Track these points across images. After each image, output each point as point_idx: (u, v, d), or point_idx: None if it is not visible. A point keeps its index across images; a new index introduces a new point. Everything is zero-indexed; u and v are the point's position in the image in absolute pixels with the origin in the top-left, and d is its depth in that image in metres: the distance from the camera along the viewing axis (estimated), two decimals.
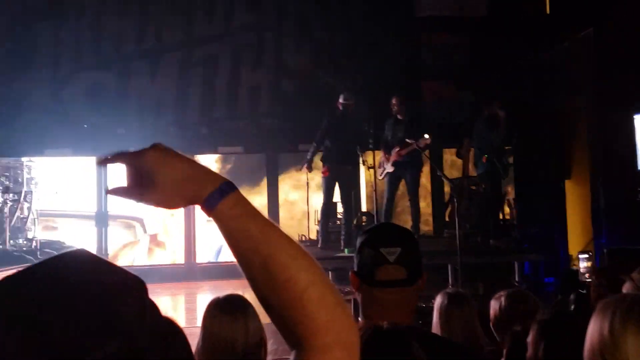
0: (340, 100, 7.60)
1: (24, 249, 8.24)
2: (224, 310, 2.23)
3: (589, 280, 5.25)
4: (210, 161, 9.79)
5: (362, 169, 8.51)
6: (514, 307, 2.51)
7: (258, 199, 9.79)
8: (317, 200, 8.52)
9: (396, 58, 9.23)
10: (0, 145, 8.93)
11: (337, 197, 8.06)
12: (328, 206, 7.89)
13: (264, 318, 1.40)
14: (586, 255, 6.55)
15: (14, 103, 8.86)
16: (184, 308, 7.46)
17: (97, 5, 9.46)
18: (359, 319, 1.59)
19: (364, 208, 9.54)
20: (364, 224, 8.42)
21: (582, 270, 6.40)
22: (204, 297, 7.42)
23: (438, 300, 2.64)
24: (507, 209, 8.97)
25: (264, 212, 0.87)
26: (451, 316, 2.56)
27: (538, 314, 2.26)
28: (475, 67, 9.24)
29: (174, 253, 9.70)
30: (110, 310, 0.63)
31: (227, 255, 9.33)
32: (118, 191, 0.91)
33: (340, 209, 8.44)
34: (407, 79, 9.26)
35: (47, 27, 9.32)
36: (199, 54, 9.65)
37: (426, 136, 7.00)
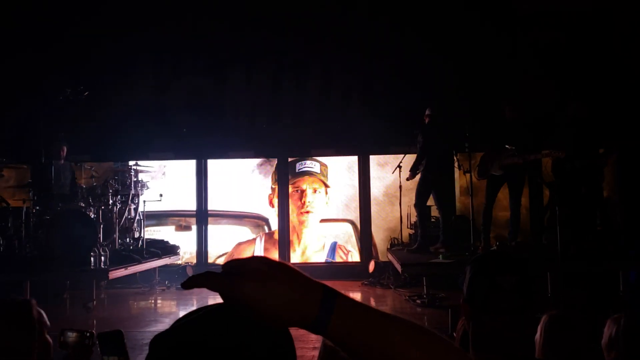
0: (428, 113, 7.79)
1: (131, 248, 8.56)
2: None
3: None
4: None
5: (457, 173, 8.30)
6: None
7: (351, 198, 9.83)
8: (409, 202, 8.44)
9: (494, 56, 8.95)
10: (109, 151, 9.55)
11: (430, 201, 8.05)
12: (424, 211, 7.95)
13: None
14: None
15: (120, 110, 9.41)
16: None
17: (193, 13, 9.87)
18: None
19: (456, 212, 9.32)
20: (458, 228, 8.25)
21: None
22: None
23: (542, 322, 2.49)
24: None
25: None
26: (559, 342, 2.41)
27: None
28: (577, 64, 8.76)
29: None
30: None
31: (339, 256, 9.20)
32: None
33: (434, 213, 8.36)
34: (506, 77, 8.95)
35: (147, 36, 9.83)
36: (291, 57, 9.84)
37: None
